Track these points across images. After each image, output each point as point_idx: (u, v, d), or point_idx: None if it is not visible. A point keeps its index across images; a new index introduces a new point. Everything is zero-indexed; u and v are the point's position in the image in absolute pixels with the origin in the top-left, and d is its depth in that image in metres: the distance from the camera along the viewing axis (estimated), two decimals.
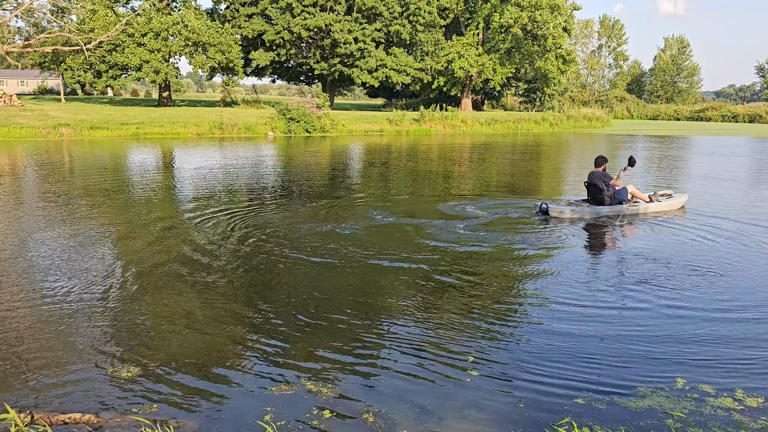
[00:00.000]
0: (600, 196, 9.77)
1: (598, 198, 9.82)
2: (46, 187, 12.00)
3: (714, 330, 4.94)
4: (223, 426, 3.48)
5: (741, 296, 5.78)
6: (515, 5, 45.99)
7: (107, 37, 32.70)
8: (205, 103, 50.16)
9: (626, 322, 5.10)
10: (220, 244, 7.59)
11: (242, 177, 14.07)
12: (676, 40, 78.46)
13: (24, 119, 26.88)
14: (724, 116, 56.43)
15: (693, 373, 4.16)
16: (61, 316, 5.07)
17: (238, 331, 4.83)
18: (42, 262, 6.64)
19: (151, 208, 9.92)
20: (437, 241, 7.77)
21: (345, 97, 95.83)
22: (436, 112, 36.05)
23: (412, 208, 10.25)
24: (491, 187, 13.47)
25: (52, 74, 42.83)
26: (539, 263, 6.92)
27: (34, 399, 3.73)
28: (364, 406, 3.70)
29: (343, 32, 41.71)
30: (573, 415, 3.60)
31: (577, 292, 5.85)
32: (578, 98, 66.55)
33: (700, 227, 8.84)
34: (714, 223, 9.10)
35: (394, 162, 18.50)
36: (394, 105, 58.23)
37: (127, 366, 4.18)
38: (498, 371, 4.18)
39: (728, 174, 16.17)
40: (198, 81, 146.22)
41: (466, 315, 5.23)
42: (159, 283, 5.99)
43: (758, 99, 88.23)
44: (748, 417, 3.60)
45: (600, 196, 9.77)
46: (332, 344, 4.59)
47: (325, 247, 7.41)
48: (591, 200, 10.01)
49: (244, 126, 28.84)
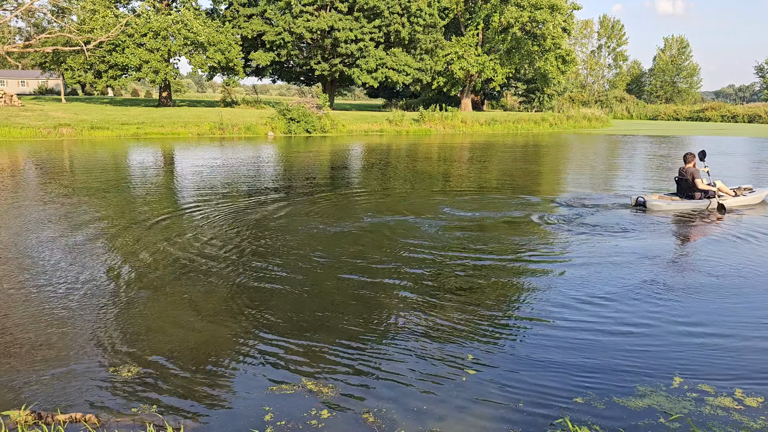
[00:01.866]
0: (690, 191, 10.36)
1: (688, 193, 10.41)
2: (46, 187, 12.00)
3: (714, 330, 4.95)
4: (224, 425, 3.48)
5: (747, 296, 5.79)
6: (515, 5, 46.00)
7: (107, 38, 32.71)
8: (205, 104, 50.16)
9: (627, 321, 5.11)
10: (220, 244, 7.60)
11: (242, 177, 14.07)
12: (675, 40, 78.47)
13: (24, 119, 26.89)
14: (724, 116, 56.43)
15: (693, 373, 4.17)
16: (61, 315, 5.07)
17: (238, 330, 4.84)
18: (42, 262, 6.64)
19: (151, 208, 9.92)
20: (437, 241, 7.77)
21: (345, 98, 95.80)
22: (435, 113, 36.05)
23: (412, 207, 10.25)
24: (490, 185, 13.48)
25: (52, 74, 42.81)
26: (541, 264, 6.92)
27: (35, 399, 3.73)
28: (364, 405, 3.71)
29: (345, 31, 41.70)
30: (572, 414, 3.60)
31: (579, 292, 5.85)
32: (578, 98, 66.56)
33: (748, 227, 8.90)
34: None
35: (394, 162, 18.50)
36: (394, 105, 58.23)
37: (127, 365, 4.18)
38: (498, 371, 4.19)
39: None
40: (198, 81, 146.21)
41: (466, 314, 5.24)
42: (159, 282, 5.99)
43: (758, 99, 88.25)
44: (747, 417, 3.60)
45: (690, 191, 10.36)
46: (332, 344, 4.59)
47: (325, 247, 7.42)
48: (681, 194, 10.58)
49: (245, 126, 28.85)
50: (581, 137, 32.97)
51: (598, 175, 15.97)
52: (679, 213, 9.96)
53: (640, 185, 13.72)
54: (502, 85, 54.60)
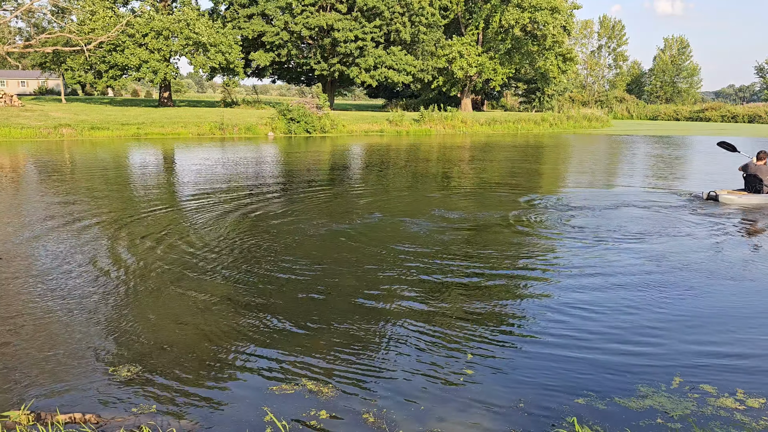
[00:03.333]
0: (759, 186, 11.05)
1: (756, 188, 11.08)
2: (45, 187, 12.00)
3: (716, 330, 4.94)
4: (224, 425, 3.48)
5: (749, 297, 5.78)
6: (516, 6, 46.00)
7: (107, 38, 32.71)
8: (205, 104, 50.16)
9: (627, 321, 5.10)
10: (221, 244, 7.59)
11: (243, 177, 14.07)
12: (675, 40, 78.48)
13: (25, 120, 26.89)
14: (724, 116, 56.46)
15: (694, 373, 4.16)
16: (61, 315, 5.06)
17: (238, 330, 4.83)
18: (42, 262, 6.64)
19: (151, 208, 9.91)
20: (437, 241, 7.76)
21: (345, 98, 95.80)
22: (435, 113, 36.04)
23: (411, 206, 10.24)
24: (490, 185, 13.47)
25: (52, 75, 42.78)
26: (542, 264, 6.91)
27: (35, 399, 3.73)
28: (364, 406, 3.70)
29: (345, 30, 41.68)
30: (573, 415, 3.59)
31: (580, 292, 5.85)
32: (578, 98, 66.57)
33: None
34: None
35: (394, 162, 18.49)
36: (394, 105, 58.22)
37: (128, 366, 4.17)
38: (498, 371, 4.18)
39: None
40: (198, 81, 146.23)
41: (466, 314, 5.23)
42: (159, 282, 5.98)
43: (758, 99, 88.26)
44: (749, 417, 3.59)
45: (759, 186, 11.05)
46: (333, 344, 4.59)
47: (325, 247, 7.41)
48: (748, 189, 11.22)
49: (245, 126, 28.85)
50: (581, 137, 32.96)
51: (600, 173, 15.96)
52: (751, 206, 10.66)
53: (647, 183, 13.71)
54: (503, 85, 54.58)
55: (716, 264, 6.90)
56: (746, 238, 8.22)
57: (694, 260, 7.03)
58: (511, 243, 7.81)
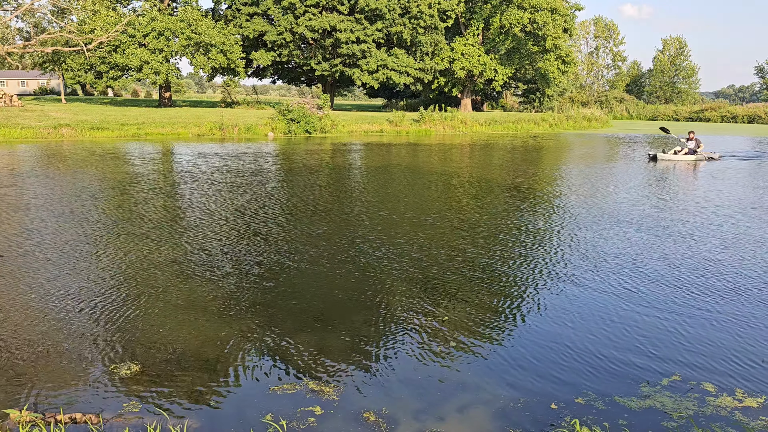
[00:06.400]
0: (692, 153, 18.61)
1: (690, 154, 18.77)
2: (45, 187, 11.99)
3: (716, 329, 4.95)
4: (225, 425, 3.48)
5: (749, 296, 5.79)
6: (517, 7, 46.00)
7: (107, 38, 32.68)
8: (205, 104, 50.15)
9: (627, 321, 5.10)
10: (221, 243, 7.59)
11: (242, 177, 14.06)
12: (674, 40, 78.49)
13: (25, 120, 26.88)
14: (723, 117, 56.42)
15: (694, 373, 4.16)
16: (61, 315, 5.07)
17: (239, 330, 4.83)
18: (42, 262, 6.64)
19: (151, 208, 9.91)
20: (438, 242, 7.76)
21: (345, 98, 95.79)
22: (435, 113, 36.02)
23: (411, 206, 10.25)
24: (491, 184, 13.48)
25: (52, 75, 42.77)
26: (542, 263, 6.91)
27: (35, 399, 3.73)
28: (364, 405, 3.70)
29: (347, 32, 41.68)
30: (573, 414, 3.60)
31: (581, 292, 5.85)
32: (577, 99, 66.53)
33: None
34: None
35: (394, 161, 18.49)
36: (394, 106, 58.19)
37: (128, 365, 4.18)
38: (498, 371, 4.18)
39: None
40: (198, 81, 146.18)
41: (466, 314, 5.23)
42: (159, 282, 5.99)
43: (757, 99, 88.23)
44: (749, 417, 3.60)
45: (692, 153, 18.61)
46: (333, 344, 4.59)
47: (325, 247, 7.41)
48: None
49: (245, 126, 28.84)
50: (581, 137, 32.95)
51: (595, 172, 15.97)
52: (683, 161, 16.65)
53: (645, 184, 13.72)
54: (503, 85, 54.56)
55: (718, 263, 6.90)
56: (746, 231, 8.23)
57: (696, 259, 7.03)
58: (512, 243, 7.81)
